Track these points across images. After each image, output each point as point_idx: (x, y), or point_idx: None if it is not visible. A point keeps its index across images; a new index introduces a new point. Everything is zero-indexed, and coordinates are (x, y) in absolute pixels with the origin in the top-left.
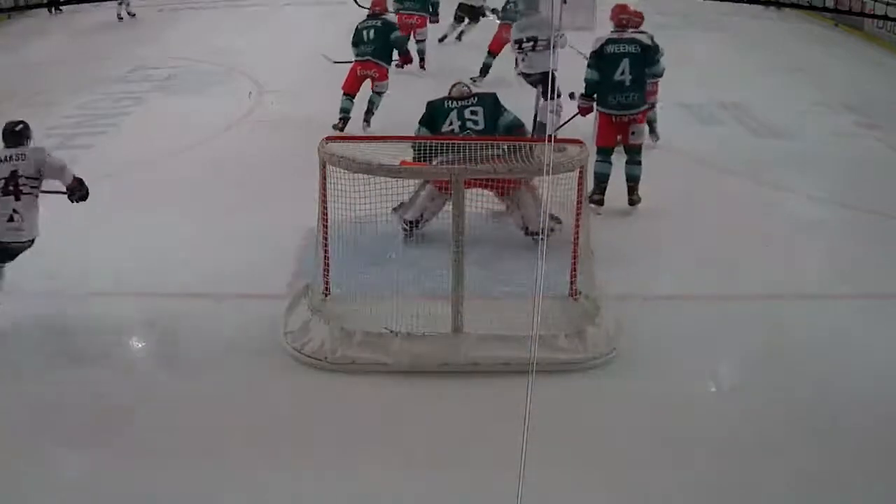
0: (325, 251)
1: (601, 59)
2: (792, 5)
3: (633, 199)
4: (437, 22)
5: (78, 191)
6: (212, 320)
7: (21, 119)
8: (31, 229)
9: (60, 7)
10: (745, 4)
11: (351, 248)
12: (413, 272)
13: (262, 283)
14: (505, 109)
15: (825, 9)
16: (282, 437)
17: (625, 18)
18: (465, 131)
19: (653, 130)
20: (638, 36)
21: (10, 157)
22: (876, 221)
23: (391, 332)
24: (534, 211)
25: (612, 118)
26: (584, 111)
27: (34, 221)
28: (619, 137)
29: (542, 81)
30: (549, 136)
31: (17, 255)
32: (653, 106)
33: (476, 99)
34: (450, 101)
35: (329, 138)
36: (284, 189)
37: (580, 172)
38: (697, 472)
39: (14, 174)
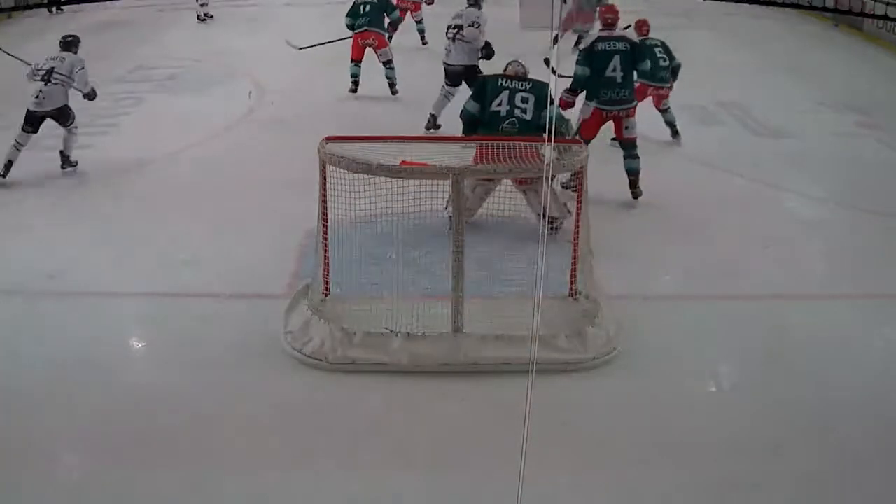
0: (325, 251)
1: (592, 56)
2: (792, 5)
3: (636, 192)
4: (432, 3)
5: (89, 97)
6: (212, 320)
7: (74, 33)
8: (53, 104)
9: (62, 7)
10: (744, 4)
11: (351, 248)
12: (413, 272)
13: (262, 283)
14: (552, 101)
15: (825, 9)
16: (282, 436)
17: (610, 18)
18: (511, 118)
19: (676, 133)
20: (626, 34)
21: (55, 58)
22: (876, 221)
23: (391, 331)
24: (552, 200)
25: (604, 113)
26: (565, 105)
27: (57, 99)
28: (611, 133)
29: (464, 76)
30: (550, 136)
31: (40, 120)
32: (667, 109)
33: (530, 85)
34: (504, 80)
35: (329, 138)
36: (284, 189)
37: (580, 172)
38: (697, 472)
39: (51, 70)
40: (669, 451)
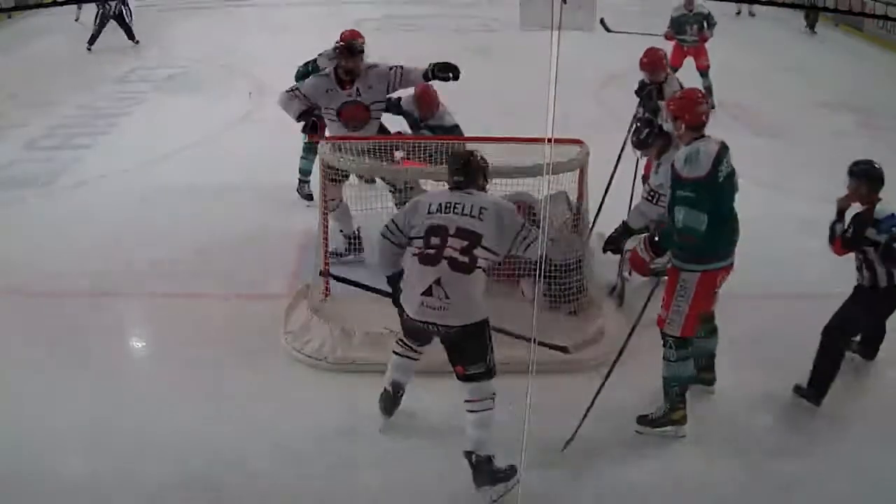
0: (326, 251)
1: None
2: (794, 5)
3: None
4: None
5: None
6: (212, 320)
7: None
8: None
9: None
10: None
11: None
12: None
13: (262, 283)
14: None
15: (825, 9)
16: (282, 436)
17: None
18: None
19: None
20: None
21: None
22: None
23: (391, 332)
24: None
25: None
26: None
27: None
28: None
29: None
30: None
31: None
32: None
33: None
34: None
35: (329, 138)
36: (284, 189)
37: (581, 173)
38: (697, 471)
39: None
40: (669, 451)
